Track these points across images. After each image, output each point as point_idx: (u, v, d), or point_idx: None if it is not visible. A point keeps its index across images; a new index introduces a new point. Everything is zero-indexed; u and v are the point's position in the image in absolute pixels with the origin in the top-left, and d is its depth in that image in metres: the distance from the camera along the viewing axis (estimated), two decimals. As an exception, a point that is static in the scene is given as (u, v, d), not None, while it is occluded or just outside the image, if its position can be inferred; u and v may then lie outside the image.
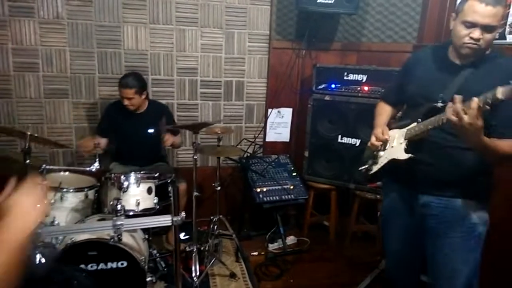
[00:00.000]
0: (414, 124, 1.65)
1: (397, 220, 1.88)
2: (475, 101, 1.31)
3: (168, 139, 2.78)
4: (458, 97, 1.35)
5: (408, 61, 1.89)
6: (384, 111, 1.98)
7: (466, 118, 1.32)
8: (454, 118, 1.36)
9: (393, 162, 1.71)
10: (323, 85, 3.17)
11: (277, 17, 3.30)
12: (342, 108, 3.11)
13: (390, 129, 1.80)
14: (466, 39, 1.52)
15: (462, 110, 1.33)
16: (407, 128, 1.69)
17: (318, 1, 2.94)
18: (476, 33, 1.49)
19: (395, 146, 1.72)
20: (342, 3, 2.96)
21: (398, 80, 1.90)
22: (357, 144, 3.09)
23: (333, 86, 3.15)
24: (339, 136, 3.15)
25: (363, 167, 1.92)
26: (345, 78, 3.11)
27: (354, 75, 3.09)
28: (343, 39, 3.41)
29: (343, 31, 3.39)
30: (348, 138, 3.12)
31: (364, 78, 3.06)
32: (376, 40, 3.38)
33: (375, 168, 1.82)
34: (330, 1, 2.95)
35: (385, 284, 2.09)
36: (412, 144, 1.65)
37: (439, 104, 1.55)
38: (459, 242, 1.66)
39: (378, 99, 2.86)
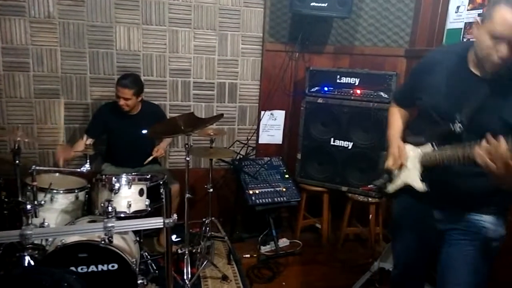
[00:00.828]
0: (429, 148, 1.57)
1: (409, 233, 1.82)
2: (503, 146, 1.19)
3: (161, 153, 2.93)
4: (484, 145, 1.24)
5: (421, 63, 1.69)
6: (397, 118, 1.85)
7: (499, 164, 1.21)
8: (490, 165, 1.24)
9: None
10: (316, 88, 3.18)
11: (270, 20, 3.30)
12: (335, 111, 3.12)
13: (404, 141, 1.71)
14: (492, 55, 1.34)
15: (491, 156, 1.22)
16: (421, 150, 1.61)
17: (311, 4, 2.97)
18: (503, 49, 1.30)
19: (410, 168, 1.64)
20: (335, 7, 2.98)
21: (410, 83, 1.78)
22: (350, 147, 3.10)
23: (326, 89, 3.16)
24: (332, 139, 3.16)
25: (378, 182, 1.77)
26: (338, 81, 3.13)
27: (347, 78, 3.10)
28: (336, 43, 3.43)
29: (336, 35, 3.41)
30: (341, 141, 3.13)
31: (357, 81, 3.07)
32: (369, 43, 3.41)
33: (391, 189, 1.74)
34: (323, 5, 2.97)
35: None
36: (428, 169, 1.58)
37: (457, 129, 1.44)
38: (471, 256, 1.59)
39: (374, 103, 2.94)
